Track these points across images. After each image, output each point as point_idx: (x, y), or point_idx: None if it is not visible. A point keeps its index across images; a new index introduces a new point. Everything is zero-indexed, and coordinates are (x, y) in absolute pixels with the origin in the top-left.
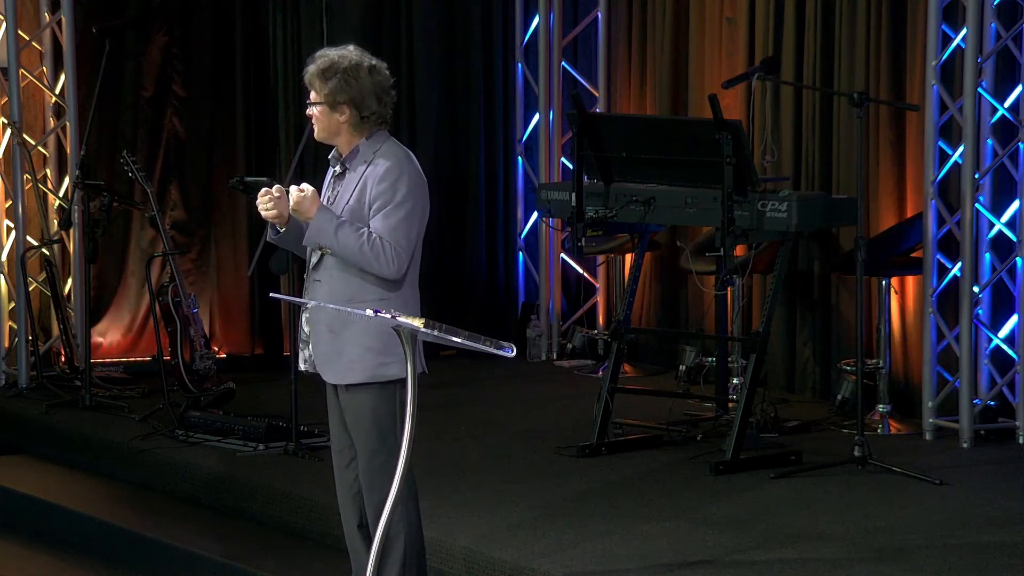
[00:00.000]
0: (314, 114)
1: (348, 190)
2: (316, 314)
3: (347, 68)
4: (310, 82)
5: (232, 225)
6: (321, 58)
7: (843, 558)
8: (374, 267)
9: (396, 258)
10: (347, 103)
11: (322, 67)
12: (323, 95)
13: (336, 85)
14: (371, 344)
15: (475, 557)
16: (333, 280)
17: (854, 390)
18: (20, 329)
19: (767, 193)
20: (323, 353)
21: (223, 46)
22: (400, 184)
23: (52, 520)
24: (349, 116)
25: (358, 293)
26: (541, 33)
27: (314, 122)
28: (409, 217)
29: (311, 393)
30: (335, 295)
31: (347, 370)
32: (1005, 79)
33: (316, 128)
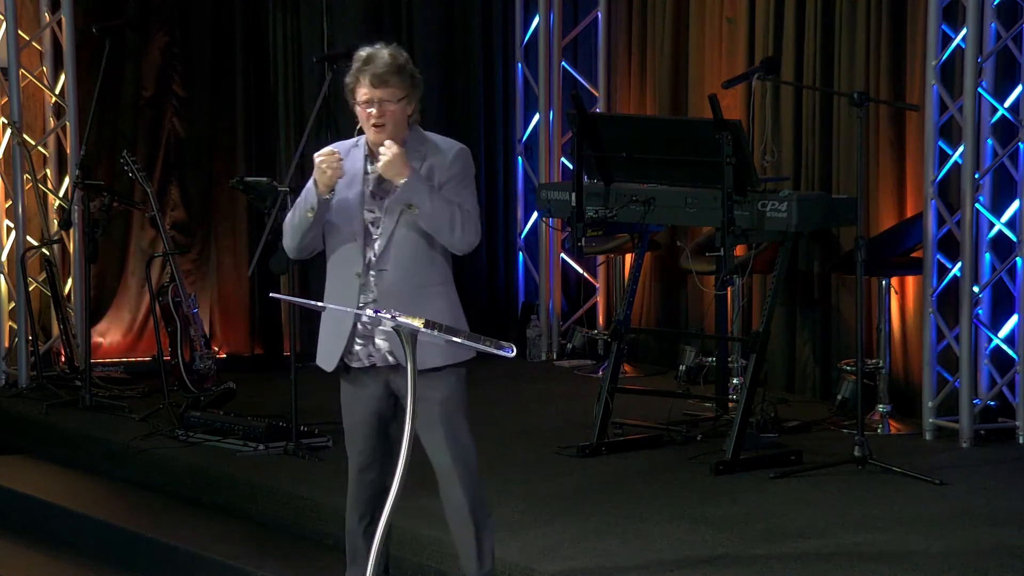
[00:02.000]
0: (388, 111)
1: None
2: (386, 302)
3: (408, 62)
4: (384, 79)
5: (232, 225)
6: (384, 56)
7: (843, 558)
8: (459, 233)
9: (478, 227)
10: (416, 98)
11: (397, 63)
12: (403, 90)
13: (410, 80)
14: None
15: None
16: (402, 268)
17: (854, 390)
18: (20, 329)
19: (767, 193)
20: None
21: (223, 46)
22: (469, 169)
23: (52, 520)
24: (414, 110)
25: (427, 279)
26: (541, 33)
27: (385, 121)
28: (476, 199)
29: (311, 393)
30: (403, 282)
31: (427, 355)
32: (1005, 79)
33: (387, 127)
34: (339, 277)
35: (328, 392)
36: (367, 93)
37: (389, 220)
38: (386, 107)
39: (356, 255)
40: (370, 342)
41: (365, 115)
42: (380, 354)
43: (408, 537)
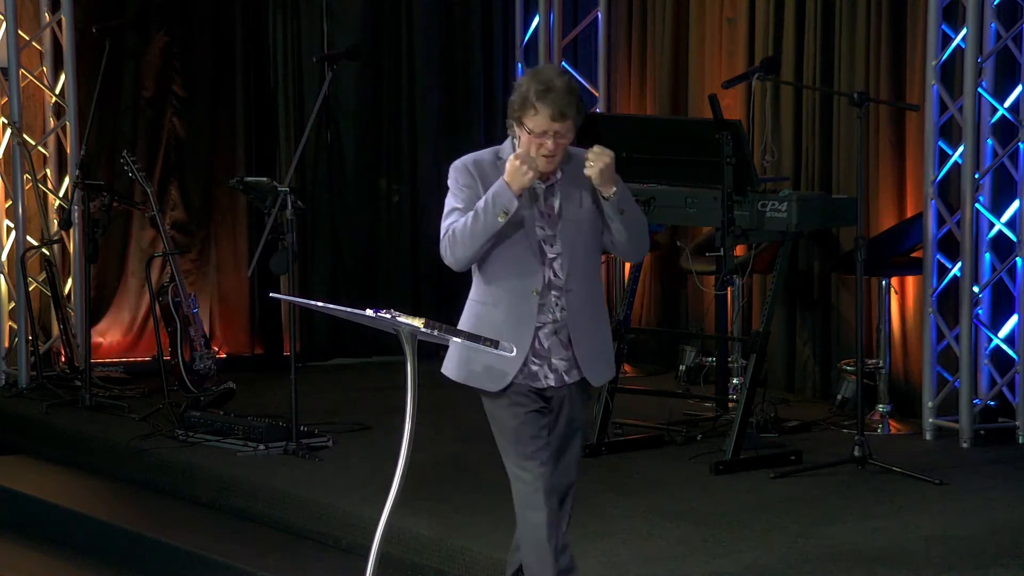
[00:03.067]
0: (561, 144)
1: (576, 193)
2: (574, 321)
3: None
4: (564, 113)
5: (232, 225)
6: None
7: (844, 558)
8: (644, 236)
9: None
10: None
11: (575, 94)
12: (577, 121)
13: (583, 108)
14: (610, 344)
15: (475, 557)
16: (584, 288)
17: (854, 390)
18: (20, 329)
19: (767, 193)
20: (587, 356)
21: (223, 46)
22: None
23: (52, 520)
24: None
25: (600, 297)
26: (541, 33)
27: (557, 152)
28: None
29: (311, 393)
30: (588, 303)
31: (607, 368)
32: (1005, 79)
33: (557, 157)
34: (511, 293)
35: (328, 392)
36: (544, 125)
37: (566, 238)
38: (561, 140)
39: (533, 273)
40: (546, 362)
41: (535, 144)
42: (557, 375)
43: (408, 537)
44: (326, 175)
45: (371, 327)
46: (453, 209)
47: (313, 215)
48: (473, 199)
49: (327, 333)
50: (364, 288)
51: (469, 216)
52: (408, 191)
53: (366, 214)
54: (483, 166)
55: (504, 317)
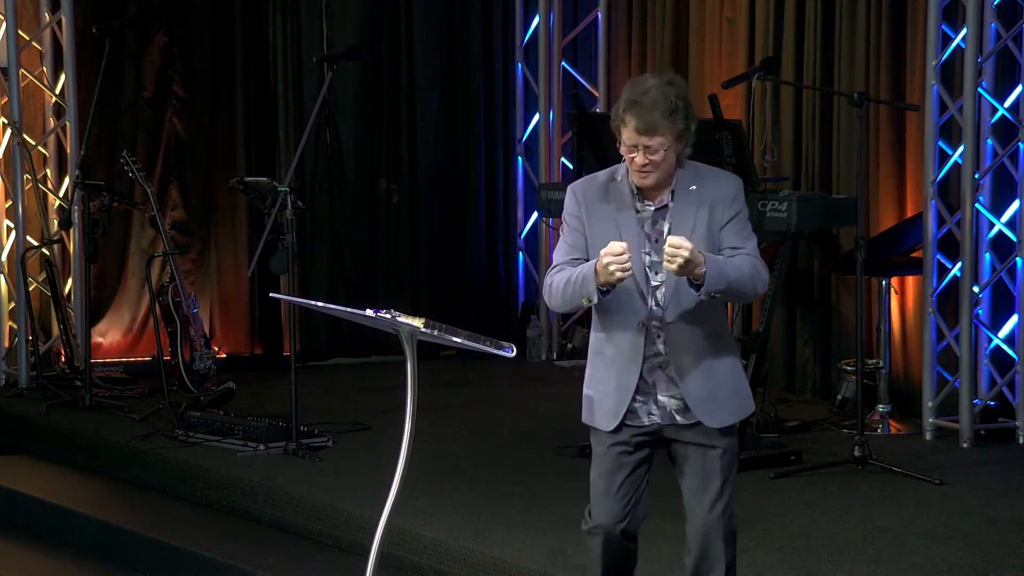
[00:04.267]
0: (654, 160)
1: (688, 219)
2: (677, 356)
3: (682, 99)
4: (653, 126)
5: (232, 225)
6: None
7: (843, 558)
8: (755, 290)
9: (766, 275)
10: (690, 135)
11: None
12: (674, 135)
13: (684, 123)
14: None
15: (475, 557)
16: (690, 317)
17: (854, 390)
18: (20, 329)
19: (767, 193)
20: (697, 396)
21: (223, 46)
22: (743, 202)
23: (52, 520)
24: (685, 146)
25: (715, 328)
26: (541, 33)
27: (650, 169)
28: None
29: (311, 393)
30: (695, 334)
31: (725, 410)
32: (1005, 79)
33: (653, 175)
34: (618, 324)
35: (328, 392)
36: (632, 139)
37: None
38: (652, 156)
39: (638, 302)
40: (651, 398)
41: (629, 158)
42: (664, 412)
43: (408, 537)
44: (326, 175)
45: (371, 327)
46: (561, 246)
47: (313, 215)
48: (579, 235)
49: (327, 333)
50: (364, 288)
51: (563, 279)
52: (408, 191)
53: (366, 214)
54: (593, 191)
55: (614, 350)
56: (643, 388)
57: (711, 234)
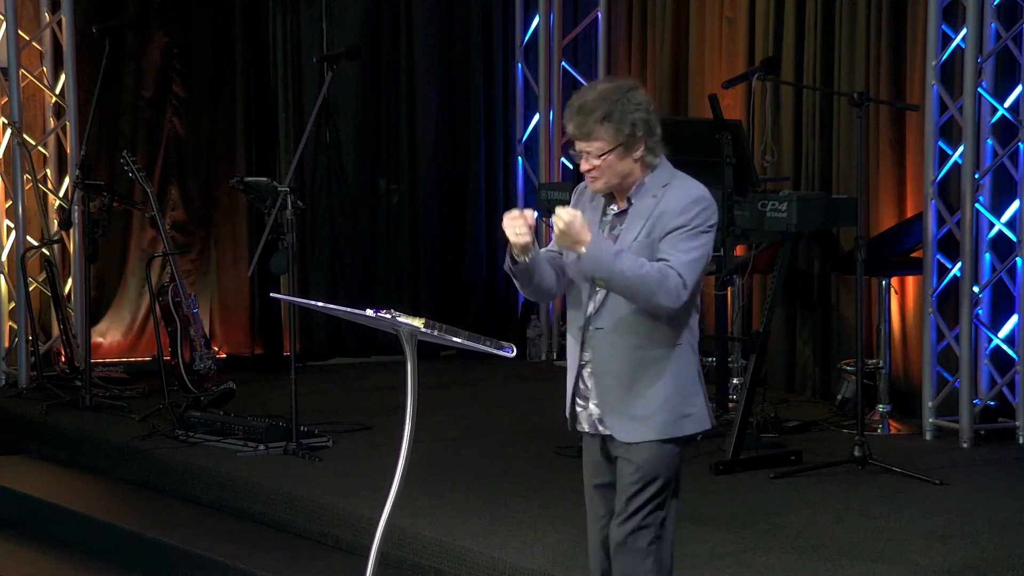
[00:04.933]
0: (596, 165)
1: (635, 227)
2: (599, 363)
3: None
4: (585, 130)
5: (232, 225)
6: (588, 98)
7: (843, 558)
8: (655, 296)
9: (679, 290)
10: (640, 142)
11: (605, 110)
12: (613, 142)
13: (629, 129)
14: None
15: (475, 557)
16: (618, 326)
17: (854, 390)
18: (20, 329)
19: (767, 193)
20: (610, 405)
21: (223, 46)
22: (700, 217)
23: (52, 520)
24: (643, 149)
25: (646, 340)
26: (541, 33)
27: (596, 174)
28: (702, 255)
29: (311, 393)
30: (618, 343)
31: (641, 425)
32: (1005, 79)
33: (602, 179)
34: (570, 329)
35: (328, 392)
36: (575, 142)
37: None
38: (594, 161)
39: (580, 305)
40: (589, 404)
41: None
42: (591, 421)
43: (408, 537)
44: (326, 175)
45: (371, 327)
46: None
47: (313, 215)
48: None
49: (327, 333)
50: (364, 288)
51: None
52: (408, 191)
53: (366, 214)
54: (585, 192)
55: (570, 349)
56: (582, 393)
57: (652, 243)
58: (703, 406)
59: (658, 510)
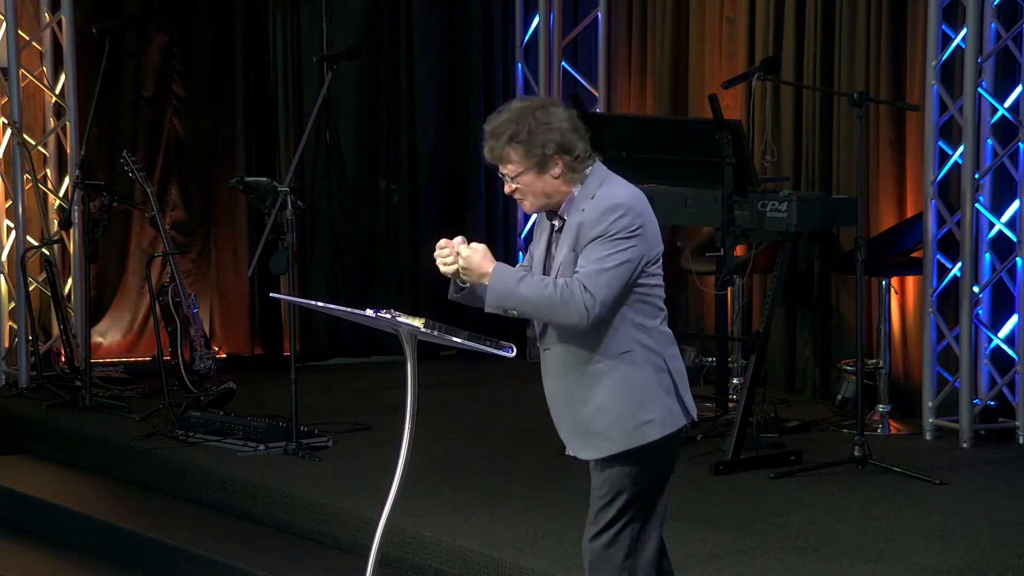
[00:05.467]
0: (517, 187)
1: (565, 243)
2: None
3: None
4: (496, 155)
5: (232, 225)
6: (495, 122)
7: (843, 558)
8: (565, 316)
9: (588, 305)
10: (555, 159)
11: (510, 132)
12: (525, 163)
13: (540, 151)
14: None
15: (475, 557)
16: (562, 347)
17: (854, 390)
18: (20, 329)
19: (767, 193)
20: (562, 425)
21: (223, 46)
22: (618, 224)
23: (52, 520)
24: (562, 167)
25: (587, 355)
26: (541, 33)
27: (520, 196)
28: (620, 262)
29: (311, 393)
30: (563, 359)
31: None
32: (1005, 79)
33: (528, 200)
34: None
35: (328, 392)
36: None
37: None
38: (511, 184)
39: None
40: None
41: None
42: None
43: (408, 537)
44: (326, 175)
45: (371, 327)
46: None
47: (313, 215)
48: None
49: (327, 333)
50: (364, 288)
51: None
52: (408, 191)
53: (366, 214)
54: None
55: None
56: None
57: (575, 257)
58: (666, 408)
59: (631, 523)
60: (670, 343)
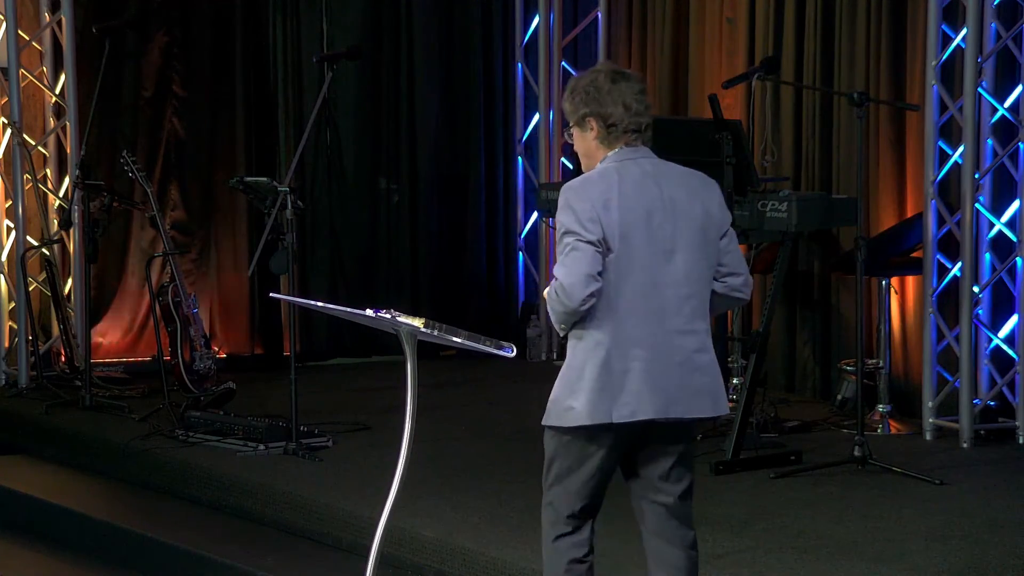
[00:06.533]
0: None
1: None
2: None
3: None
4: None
5: (232, 225)
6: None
7: (843, 558)
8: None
9: (559, 292)
10: (592, 116)
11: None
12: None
13: (570, 104)
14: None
15: (475, 557)
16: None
17: (854, 390)
18: (20, 329)
19: (767, 193)
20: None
21: (223, 46)
22: (560, 214)
23: (52, 520)
24: (596, 131)
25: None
26: (541, 33)
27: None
28: (570, 249)
29: (311, 393)
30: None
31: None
32: (1005, 79)
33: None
34: None
35: (328, 392)
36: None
37: None
38: (566, 135)
39: None
40: None
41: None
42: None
43: (408, 537)
44: (326, 175)
45: (371, 327)
46: None
47: (313, 215)
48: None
49: (327, 333)
50: (364, 288)
51: None
52: (408, 191)
53: (366, 214)
54: None
55: None
56: None
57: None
58: (589, 401)
59: (553, 503)
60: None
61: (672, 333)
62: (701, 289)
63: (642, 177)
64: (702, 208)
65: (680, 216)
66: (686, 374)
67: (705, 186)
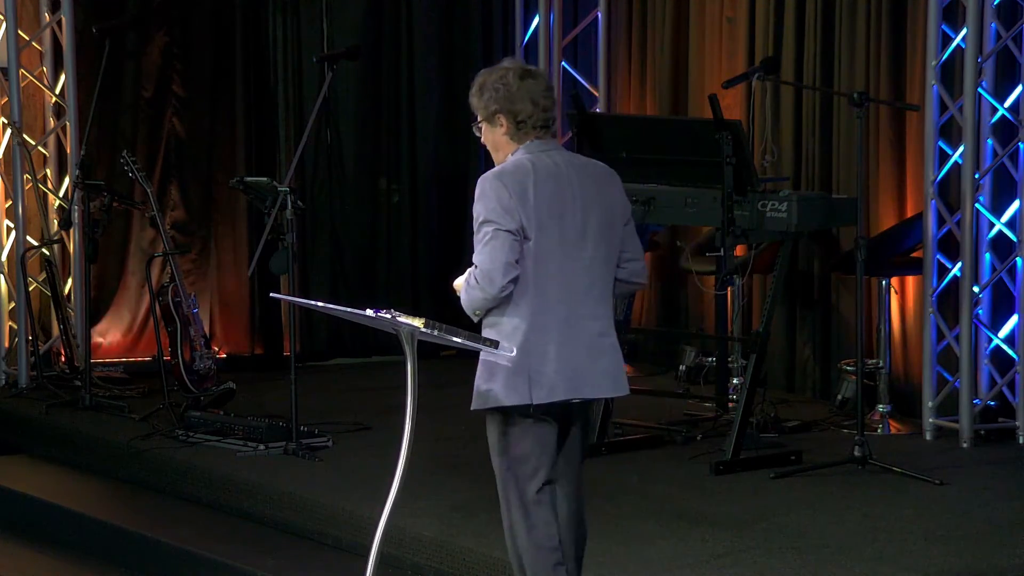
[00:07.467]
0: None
1: None
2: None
3: (484, 76)
4: (473, 107)
5: (232, 225)
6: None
7: (843, 558)
8: (478, 296)
9: (479, 283)
10: (502, 113)
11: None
12: (482, 112)
13: (488, 97)
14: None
15: (475, 557)
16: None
17: (854, 390)
18: (20, 329)
19: (767, 193)
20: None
21: (223, 46)
22: (478, 204)
23: (52, 520)
24: (506, 127)
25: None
26: (541, 33)
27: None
28: (487, 239)
29: (311, 393)
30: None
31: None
32: (1005, 79)
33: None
34: None
35: (328, 392)
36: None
37: None
38: (475, 129)
39: None
40: None
41: None
42: None
43: (408, 537)
44: (326, 175)
45: (371, 327)
46: None
47: (313, 215)
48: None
49: (327, 333)
50: (364, 288)
51: None
52: (408, 191)
53: (366, 214)
54: None
55: None
56: None
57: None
58: (504, 384)
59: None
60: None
61: (581, 317)
62: (606, 275)
63: (555, 168)
64: (609, 198)
65: (590, 205)
66: (593, 356)
67: (610, 176)
